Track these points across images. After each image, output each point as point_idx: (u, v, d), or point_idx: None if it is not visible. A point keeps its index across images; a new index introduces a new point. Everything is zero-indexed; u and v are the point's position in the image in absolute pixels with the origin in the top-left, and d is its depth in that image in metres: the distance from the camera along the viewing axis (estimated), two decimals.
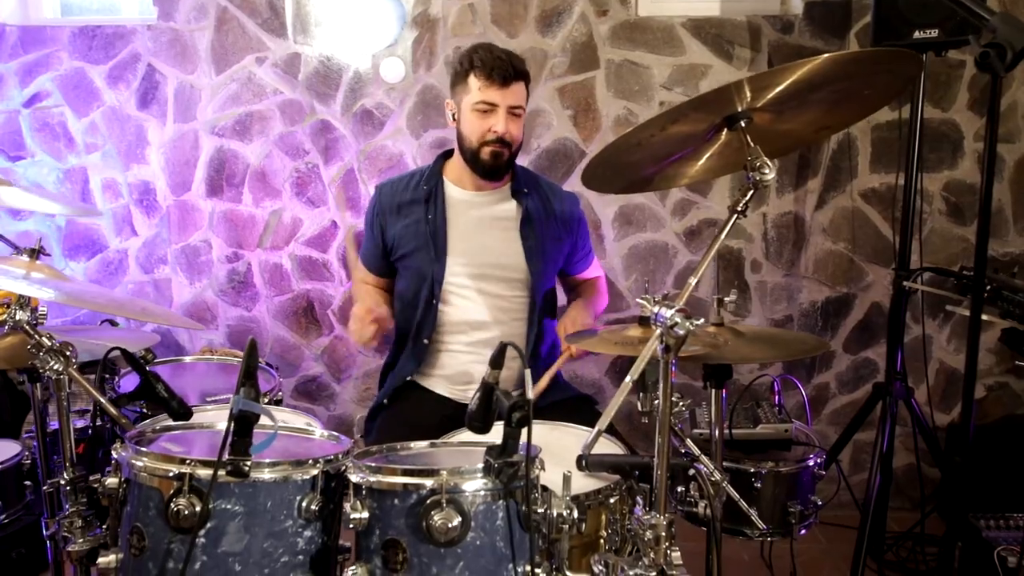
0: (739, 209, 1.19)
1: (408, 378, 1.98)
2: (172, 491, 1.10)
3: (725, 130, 1.23)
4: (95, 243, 3.15)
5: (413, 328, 1.96)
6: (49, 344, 1.31)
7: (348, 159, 3.05)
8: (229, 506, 1.11)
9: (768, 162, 1.16)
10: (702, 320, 1.13)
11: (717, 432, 1.56)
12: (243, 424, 1.06)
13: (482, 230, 1.97)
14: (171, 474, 1.10)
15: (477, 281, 1.93)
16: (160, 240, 3.14)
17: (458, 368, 1.96)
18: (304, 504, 1.14)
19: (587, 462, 1.35)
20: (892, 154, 2.93)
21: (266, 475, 1.12)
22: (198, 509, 1.07)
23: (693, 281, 1.17)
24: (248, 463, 1.08)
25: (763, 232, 3.03)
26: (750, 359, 1.55)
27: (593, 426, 1.24)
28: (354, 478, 1.13)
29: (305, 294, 3.15)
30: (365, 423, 2.08)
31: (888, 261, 2.95)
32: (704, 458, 1.35)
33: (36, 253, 1.79)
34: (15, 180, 3.09)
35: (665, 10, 2.94)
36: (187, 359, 2.29)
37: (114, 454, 1.19)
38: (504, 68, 1.78)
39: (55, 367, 1.31)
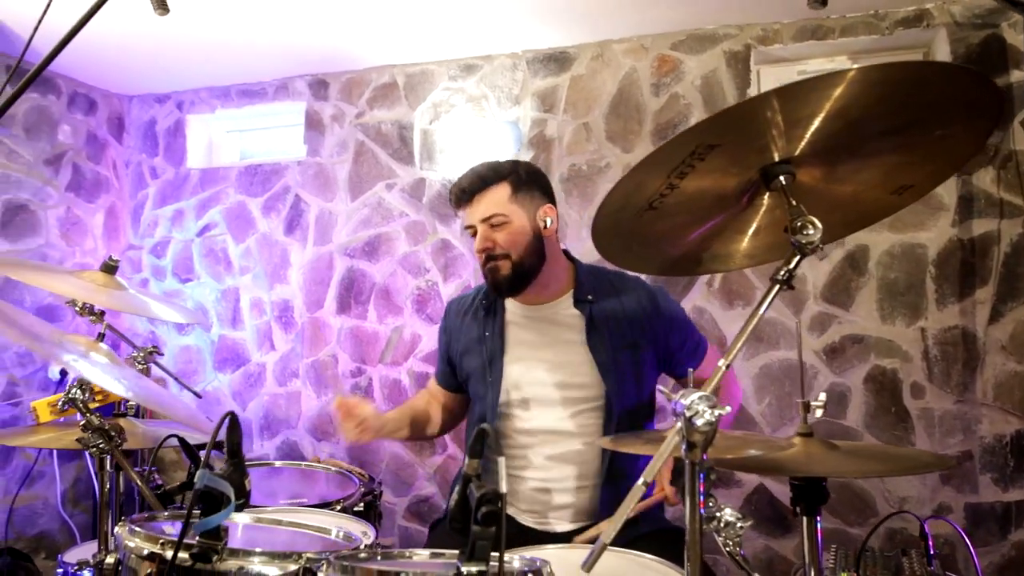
0: (781, 279, 0.99)
1: None
2: (145, 573, 1.04)
3: (767, 194, 1.06)
4: (240, 356, 3.40)
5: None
6: (97, 423, 1.36)
7: (466, 276, 3.10)
8: None
9: (812, 220, 0.96)
10: (727, 409, 0.91)
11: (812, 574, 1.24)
12: (208, 502, 0.99)
13: (543, 345, 1.78)
14: (145, 553, 1.05)
15: (543, 396, 1.76)
16: (294, 355, 3.32)
17: (528, 488, 1.77)
18: None
19: None
20: None
21: (233, 566, 1.03)
22: None
23: (723, 364, 0.97)
24: (217, 547, 1.00)
25: (923, 350, 2.59)
26: (839, 473, 1.23)
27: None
28: (321, 574, 1.00)
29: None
30: (428, 535, 1.93)
31: None
32: None
33: (151, 354, 1.95)
34: (183, 299, 3.48)
35: None
36: (277, 463, 2.32)
37: (116, 531, 1.16)
38: (459, 191, 1.72)
39: (100, 445, 1.35)
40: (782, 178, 1.00)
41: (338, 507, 1.92)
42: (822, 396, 1.29)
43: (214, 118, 3.56)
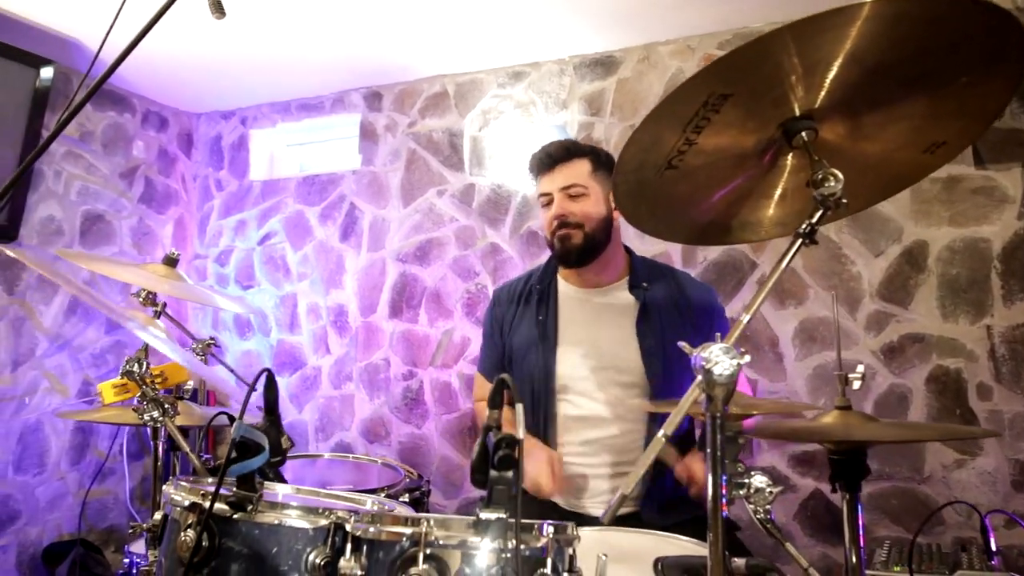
0: (803, 231, 0.98)
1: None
2: (186, 523, 1.09)
3: (790, 154, 1.05)
4: (297, 360, 3.51)
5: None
6: (152, 395, 1.44)
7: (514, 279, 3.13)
8: (234, 545, 1.06)
9: (833, 172, 0.95)
10: (748, 358, 0.91)
11: (853, 557, 1.20)
12: (244, 453, 1.04)
13: (596, 326, 1.81)
14: (187, 504, 1.10)
15: (590, 380, 1.77)
16: (348, 358, 3.41)
17: (569, 473, 1.77)
18: (311, 558, 1.06)
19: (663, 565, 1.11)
20: None
21: (270, 518, 1.07)
22: (204, 543, 1.04)
23: (746, 318, 0.96)
24: (252, 498, 1.05)
25: (989, 349, 2.47)
26: (876, 437, 1.18)
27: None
28: (348, 527, 1.03)
29: (470, 413, 3.16)
30: None
31: None
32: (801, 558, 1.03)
33: (209, 346, 2.05)
34: (246, 304, 3.61)
35: None
36: (326, 455, 2.38)
37: (164, 489, 1.22)
38: (545, 156, 1.76)
39: (155, 415, 1.43)
40: (804, 134, 1.00)
41: (383, 494, 1.96)
42: (860, 367, 1.26)
43: (275, 132, 3.72)
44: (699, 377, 0.95)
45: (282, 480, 1.38)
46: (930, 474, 2.48)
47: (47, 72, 2.88)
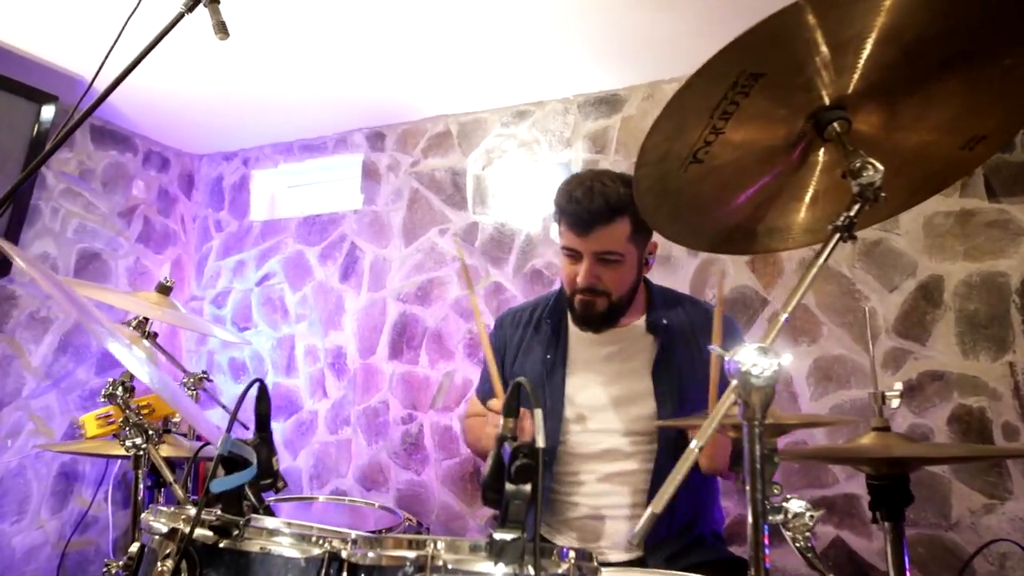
0: (842, 225, 0.91)
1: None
2: (164, 553, 0.98)
3: (822, 147, 0.99)
4: (293, 404, 3.40)
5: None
6: (135, 420, 1.34)
7: None
8: None
9: (872, 161, 0.88)
10: (789, 357, 0.82)
11: None
12: (230, 469, 0.94)
13: (608, 376, 1.68)
14: (166, 531, 1.00)
15: (593, 421, 1.67)
16: (346, 402, 3.30)
17: (577, 516, 1.66)
18: None
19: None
20: None
21: (257, 546, 0.97)
22: (183, 574, 0.94)
23: (783, 317, 0.88)
24: (239, 523, 0.95)
25: (1012, 386, 2.38)
26: (920, 455, 1.09)
27: None
28: (344, 555, 0.92)
29: (472, 458, 3.04)
30: None
31: None
32: None
33: (201, 380, 1.96)
34: (240, 348, 3.53)
35: None
36: (320, 497, 2.25)
37: (141, 518, 1.12)
38: (581, 215, 1.51)
39: (137, 442, 1.33)
40: (836, 124, 0.94)
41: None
42: (898, 385, 1.17)
43: (277, 173, 3.70)
44: (733, 382, 0.86)
45: (270, 513, 1.28)
46: (958, 520, 2.35)
47: (48, 111, 2.87)
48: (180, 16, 1.73)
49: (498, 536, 0.81)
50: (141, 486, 1.36)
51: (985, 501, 2.34)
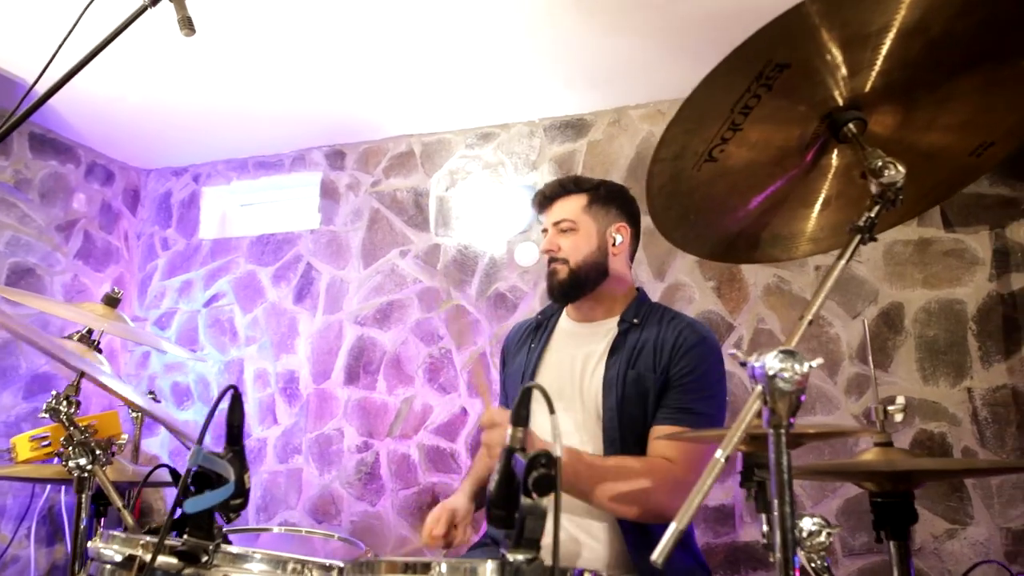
0: (863, 226, 0.88)
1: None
2: None
3: (835, 149, 0.97)
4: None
5: None
6: (80, 438, 1.21)
7: (481, 343, 2.98)
8: None
9: (893, 161, 0.86)
10: (819, 360, 0.78)
11: None
12: (202, 485, 0.84)
13: (567, 364, 1.68)
14: (120, 560, 0.88)
15: (565, 417, 1.62)
16: (297, 429, 3.14)
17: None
18: None
19: None
20: None
21: (229, 573, 0.86)
22: None
23: (806, 320, 0.84)
24: (207, 547, 0.84)
25: (971, 412, 2.42)
26: (928, 468, 1.07)
27: None
28: None
29: (431, 488, 2.92)
30: None
31: None
32: None
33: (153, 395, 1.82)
34: (184, 372, 3.34)
35: None
36: (275, 528, 2.11)
37: (89, 547, 0.99)
38: (542, 192, 1.75)
39: (81, 463, 1.20)
40: (852, 125, 0.92)
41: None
42: (900, 399, 1.15)
43: (229, 190, 3.56)
44: (758, 387, 0.81)
45: (226, 540, 1.16)
46: (921, 546, 2.36)
47: None
48: (142, 9, 1.63)
49: (513, 558, 0.73)
50: (84, 513, 1.22)
51: (947, 526, 2.36)
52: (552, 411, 0.74)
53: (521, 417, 0.80)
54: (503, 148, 3.12)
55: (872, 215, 0.88)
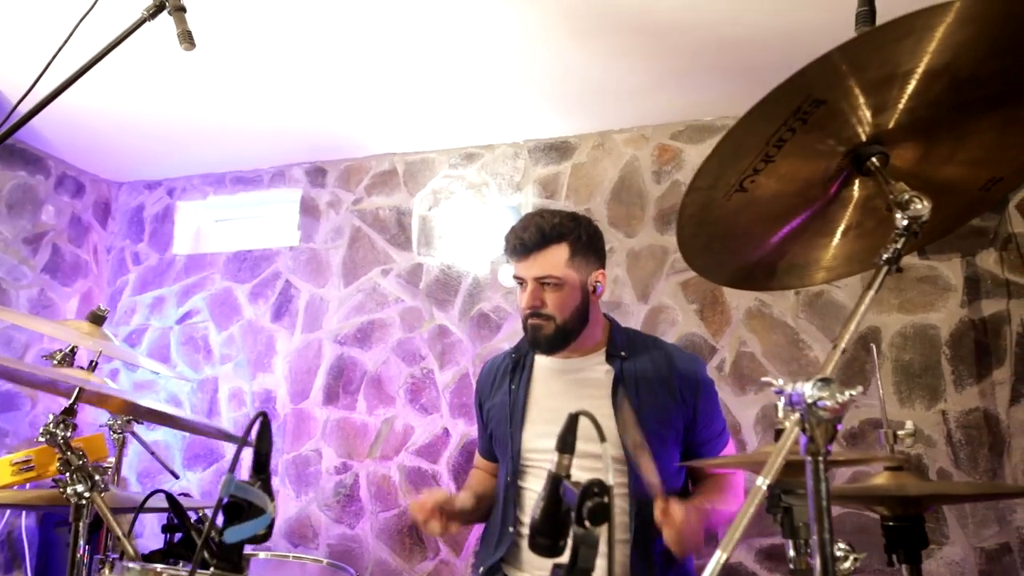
0: (891, 257, 0.90)
1: (496, 572, 1.62)
2: None
3: (857, 180, 1.00)
4: (213, 452, 3.13)
5: (500, 515, 1.65)
6: (78, 463, 1.17)
7: (463, 363, 2.96)
8: None
9: (920, 196, 0.89)
10: (859, 389, 0.80)
11: None
12: (235, 516, 0.81)
13: (567, 398, 1.68)
14: None
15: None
16: (273, 449, 3.06)
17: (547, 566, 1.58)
18: None
19: None
20: None
21: None
22: None
23: (840, 346, 0.86)
24: None
25: (946, 434, 2.49)
26: (944, 492, 1.10)
27: None
28: None
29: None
30: None
31: None
32: None
33: (128, 422, 1.77)
34: (155, 390, 3.24)
35: None
36: (261, 555, 2.04)
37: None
38: (520, 240, 1.63)
39: (79, 490, 1.15)
40: (875, 159, 0.94)
41: None
42: (909, 424, 1.18)
43: (205, 205, 3.49)
44: (795, 415, 0.83)
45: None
46: (898, 565, 2.41)
47: None
48: (141, 22, 1.61)
49: None
50: (81, 541, 1.17)
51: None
52: (603, 439, 0.74)
53: (568, 444, 0.80)
54: (487, 169, 3.13)
55: (899, 247, 0.91)
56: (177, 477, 2.13)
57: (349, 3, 2.24)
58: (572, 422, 0.80)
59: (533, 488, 1.64)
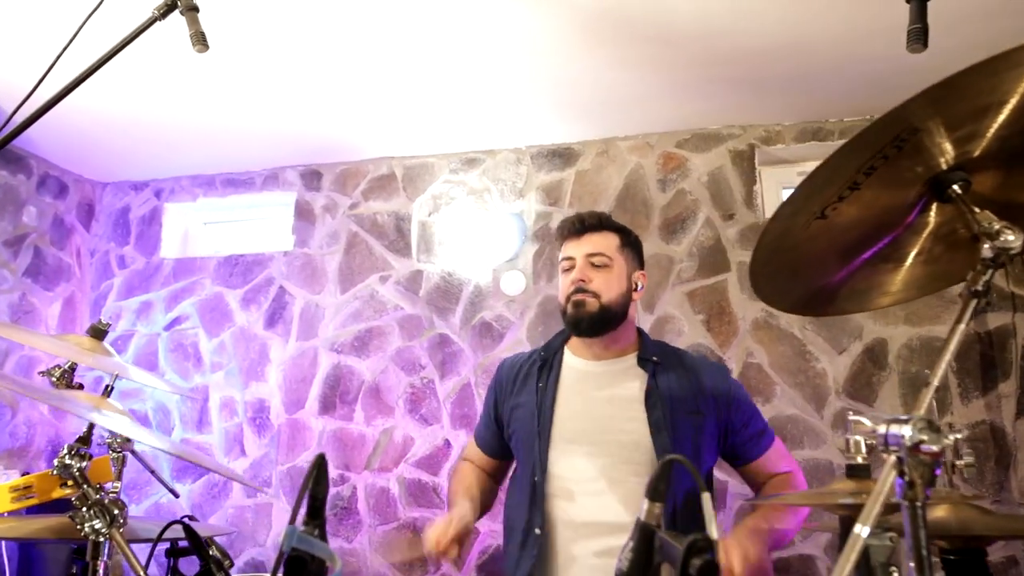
0: (980, 290, 0.87)
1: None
2: None
3: (934, 205, 0.97)
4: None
5: (524, 517, 1.61)
6: (96, 498, 1.09)
7: (465, 373, 2.90)
8: None
9: (1011, 226, 0.86)
10: (964, 432, 0.76)
11: None
12: (298, 571, 0.75)
13: (598, 402, 1.67)
14: None
15: (592, 463, 1.58)
16: (267, 461, 2.98)
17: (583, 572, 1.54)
18: None
19: None
20: None
21: None
22: None
23: (933, 384, 0.83)
24: None
25: (952, 446, 2.48)
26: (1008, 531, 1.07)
27: None
28: None
29: (411, 523, 2.81)
30: None
31: None
32: None
33: (128, 441, 1.69)
34: (142, 399, 3.13)
35: None
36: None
37: None
38: (577, 222, 1.72)
39: (96, 526, 1.07)
40: (956, 186, 0.91)
41: None
42: (968, 455, 1.15)
43: (194, 207, 3.38)
44: (893, 457, 0.79)
45: None
46: None
47: None
48: (150, 22, 1.54)
49: None
50: None
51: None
52: (703, 490, 0.69)
53: (659, 493, 0.75)
54: (489, 174, 3.07)
55: (988, 278, 0.87)
56: (177, 496, 2.03)
57: (348, 0, 2.15)
58: (665, 469, 0.75)
59: (568, 504, 1.59)
